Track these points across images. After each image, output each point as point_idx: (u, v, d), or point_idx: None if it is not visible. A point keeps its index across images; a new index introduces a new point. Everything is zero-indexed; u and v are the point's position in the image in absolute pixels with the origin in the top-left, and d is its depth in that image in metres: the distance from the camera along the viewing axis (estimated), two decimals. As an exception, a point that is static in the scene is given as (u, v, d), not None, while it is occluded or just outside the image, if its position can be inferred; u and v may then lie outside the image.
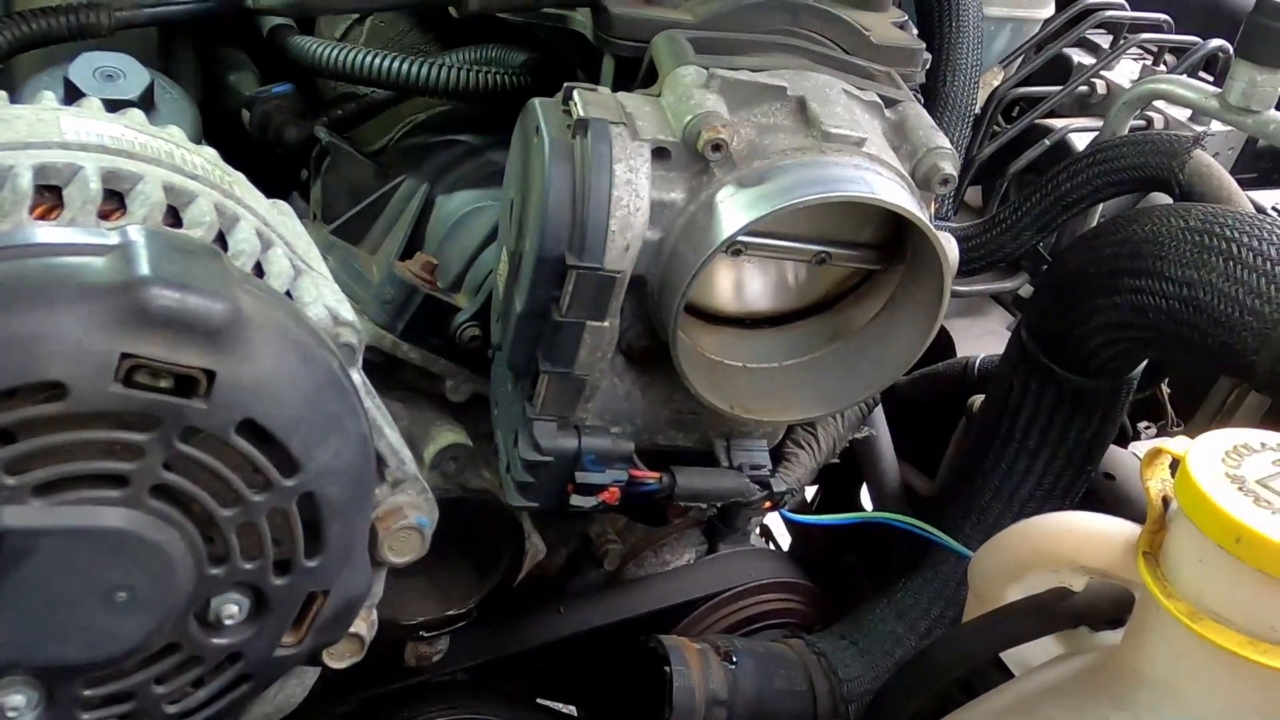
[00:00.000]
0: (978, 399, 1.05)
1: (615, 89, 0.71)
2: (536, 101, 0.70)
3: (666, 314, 0.68)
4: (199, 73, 1.01)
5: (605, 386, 0.73)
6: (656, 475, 0.74)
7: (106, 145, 0.58)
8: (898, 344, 0.74)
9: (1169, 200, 0.90)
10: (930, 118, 0.73)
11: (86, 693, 0.56)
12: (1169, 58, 1.26)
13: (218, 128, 0.95)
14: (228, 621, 0.57)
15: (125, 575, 0.53)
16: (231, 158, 0.69)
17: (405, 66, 0.88)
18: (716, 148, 0.65)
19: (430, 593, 0.94)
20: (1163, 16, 1.24)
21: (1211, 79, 1.18)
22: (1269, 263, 0.72)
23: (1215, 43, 1.18)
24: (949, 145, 0.70)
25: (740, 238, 0.65)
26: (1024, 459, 0.92)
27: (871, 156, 0.68)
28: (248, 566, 0.56)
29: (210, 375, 0.51)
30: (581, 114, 0.66)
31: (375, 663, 0.71)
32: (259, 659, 0.60)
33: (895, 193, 0.66)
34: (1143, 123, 1.14)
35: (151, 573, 0.53)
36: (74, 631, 0.53)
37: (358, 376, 0.60)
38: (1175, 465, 0.57)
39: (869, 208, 0.68)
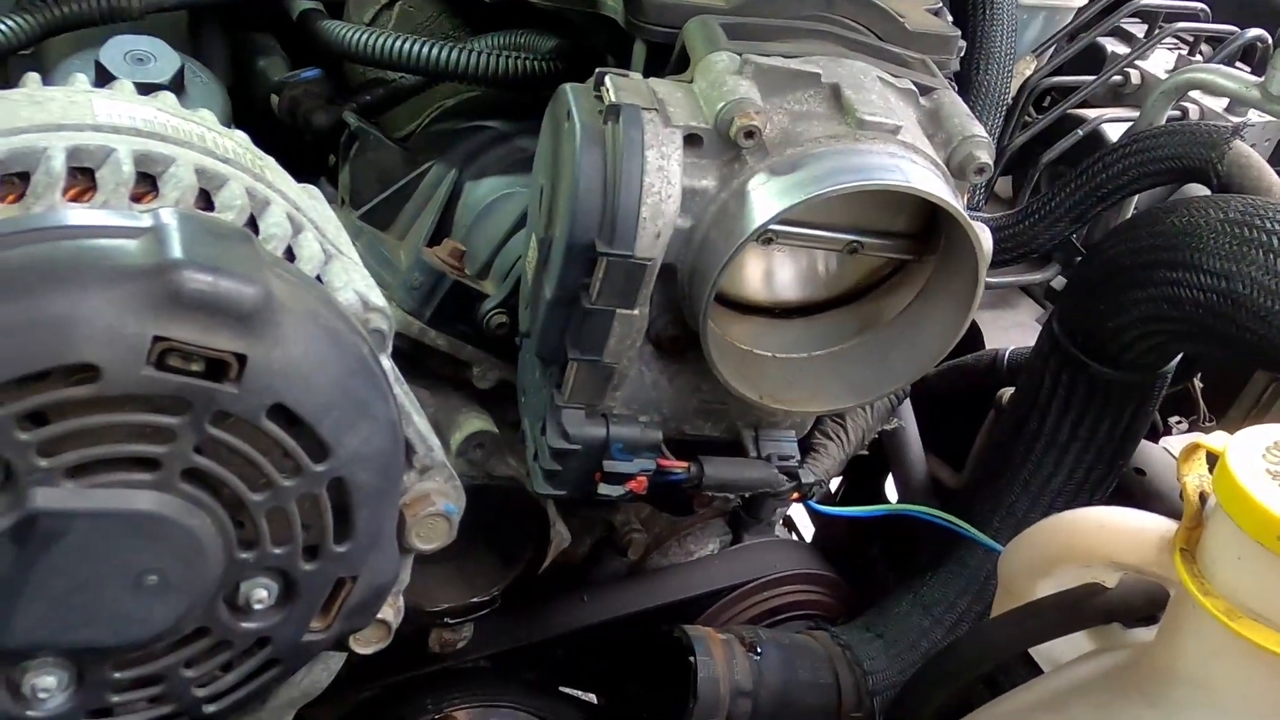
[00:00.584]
0: (1007, 392, 1.04)
1: (646, 75, 0.71)
2: (568, 87, 0.69)
3: (697, 303, 0.67)
4: (228, 57, 1.01)
5: (633, 375, 0.73)
6: (684, 465, 0.73)
7: (139, 128, 0.58)
8: (929, 335, 0.73)
9: (1205, 192, 0.89)
10: (965, 106, 0.72)
11: (116, 675, 0.56)
12: (1205, 47, 1.25)
13: (246, 112, 0.95)
14: (257, 606, 0.57)
15: (156, 559, 0.53)
16: (260, 142, 0.69)
17: (435, 51, 0.88)
18: (749, 135, 0.65)
19: (455, 580, 0.94)
20: (1200, 5, 1.23)
21: (1249, 69, 1.16)
22: (1310, 256, 0.70)
23: (1254, 32, 1.16)
24: (985, 134, 0.70)
25: (772, 226, 0.65)
26: (1054, 453, 0.91)
27: (906, 144, 0.67)
28: (277, 551, 0.56)
29: (242, 359, 0.50)
30: (613, 99, 0.66)
31: (400, 649, 0.71)
32: (287, 644, 0.60)
33: (931, 181, 0.65)
34: (1178, 114, 1.13)
35: (182, 556, 0.53)
36: (104, 614, 0.53)
37: (387, 363, 0.60)
38: (1213, 461, 0.56)
39: (903, 197, 0.67)
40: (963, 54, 0.82)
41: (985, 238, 0.68)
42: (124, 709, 0.57)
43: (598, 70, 0.68)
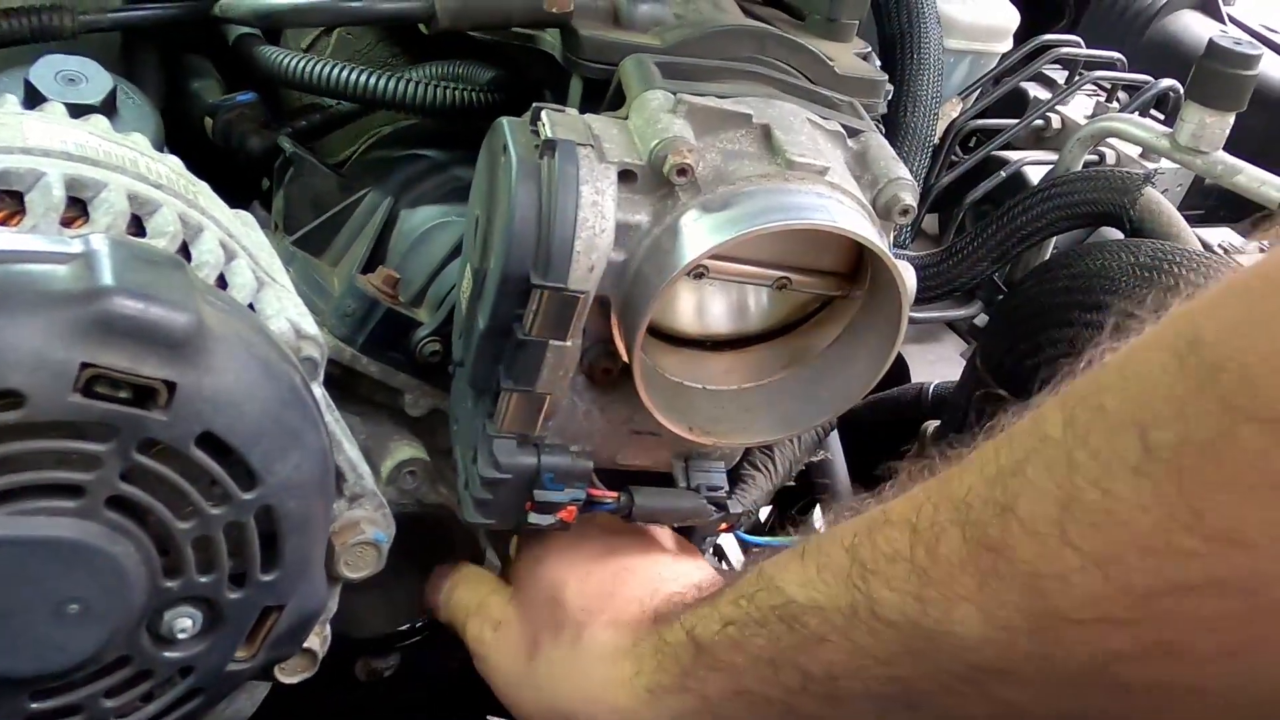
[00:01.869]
0: (931, 424, 1.07)
1: (582, 110, 0.72)
2: (505, 120, 0.70)
3: (629, 335, 0.68)
4: (162, 79, 1.00)
5: (566, 405, 0.73)
6: (614, 495, 0.74)
7: (70, 152, 0.58)
8: (855, 369, 0.75)
9: (1120, 235, 0.93)
10: (891, 149, 0.74)
11: (34, 705, 0.55)
12: (1121, 95, 1.30)
13: (179, 135, 0.94)
14: (180, 635, 0.56)
15: (78, 587, 0.52)
16: (193, 165, 0.69)
17: (371, 80, 0.88)
18: (682, 172, 0.66)
19: (382, 607, 0.94)
20: (1116, 55, 1.28)
21: (1162, 117, 1.21)
22: (1215, 300, 0.73)
23: (1166, 82, 1.22)
24: (909, 176, 0.72)
25: (704, 261, 0.66)
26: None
27: (834, 185, 0.69)
28: (203, 580, 0.55)
29: (171, 387, 0.50)
30: (549, 134, 0.66)
31: (324, 677, 0.71)
32: (211, 673, 0.59)
33: (856, 221, 0.67)
34: (1095, 157, 1.17)
35: (105, 585, 0.53)
36: (23, 643, 0.53)
37: (319, 391, 0.60)
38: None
39: (830, 235, 0.69)
40: (890, 97, 0.84)
41: (909, 276, 0.70)
42: (41, 741, 0.56)
43: (534, 105, 0.69)
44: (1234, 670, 0.44)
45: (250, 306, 0.59)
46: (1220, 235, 1.01)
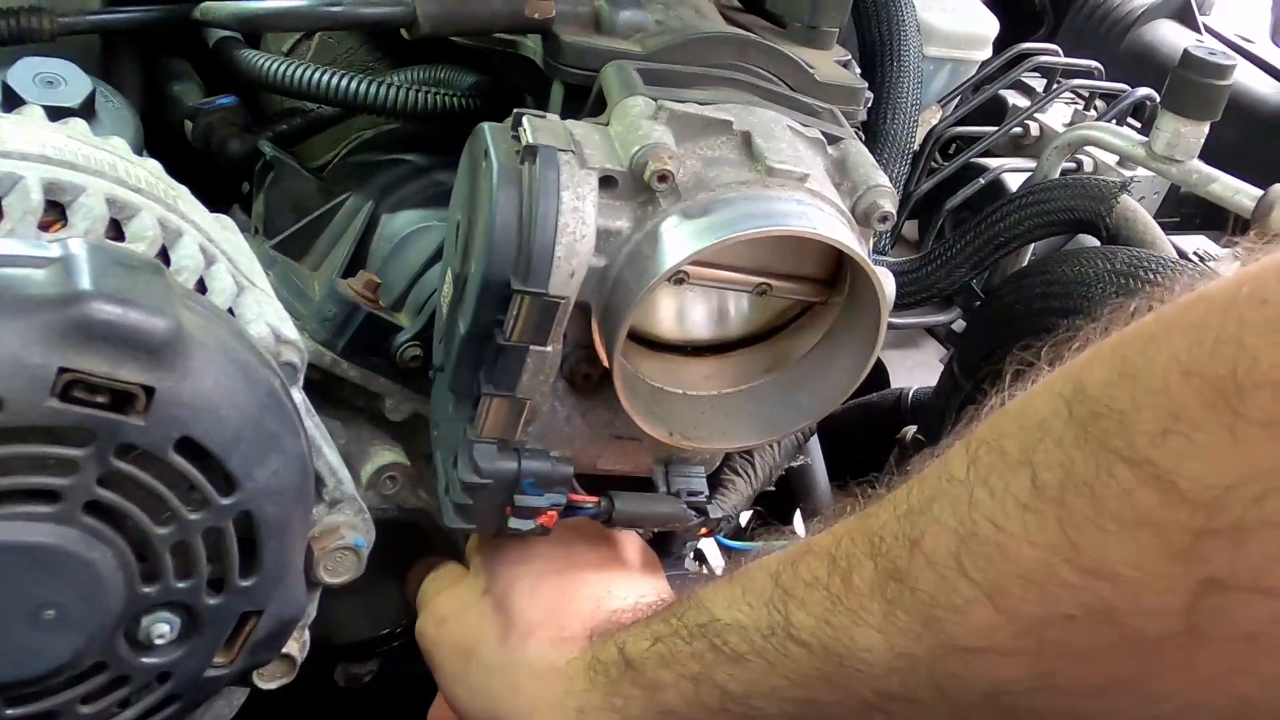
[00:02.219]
0: (910, 430, 1.08)
1: (563, 116, 0.72)
2: (486, 126, 0.70)
3: (609, 340, 0.68)
4: (141, 82, 1.00)
5: (546, 410, 0.73)
6: (595, 499, 0.74)
7: (49, 155, 0.58)
8: (835, 375, 0.75)
9: (1096, 242, 0.94)
10: (871, 156, 0.74)
11: (9, 711, 0.55)
12: (1099, 103, 1.31)
13: (159, 138, 0.94)
14: (158, 641, 0.56)
15: (54, 592, 0.52)
16: (173, 169, 0.69)
17: (352, 84, 0.88)
18: (663, 178, 0.66)
19: (361, 613, 0.94)
20: (1094, 64, 1.29)
21: (1139, 125, 1.23)
22: (1189, 307, 0.74)
23: (1142, 91, 1.23)
24: (889, 183, 0.72)
25: (683, 267, 0.66)
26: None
27: (814, 192, 0.69)
28: (180, 585, 0.55)
29: (149, 392, 0.50)
30: (531, 140, 0.67)
31: (303, 682, 0.71)
32: (189, 679, 0.59)
33: (836, 228, 0.68)
34: (1073, 165, 1.18)
35: (81, 590, 0.52)
36: (-2, 649, 0.52)
37: (299, 395, 0.60)
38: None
39: (810, 242, 0.69)
40: (870, 104, 0.85)
41: (888, 283, 0.70)
42: (16, 747, 0.56)
43: (515, 110, 0.69)
44: (1114, 703, 0.47)
45: (230, 311, 0.59)
46: (1195, 243, 1.03)
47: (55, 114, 0.67)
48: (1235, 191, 0.90)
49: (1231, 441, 0.41)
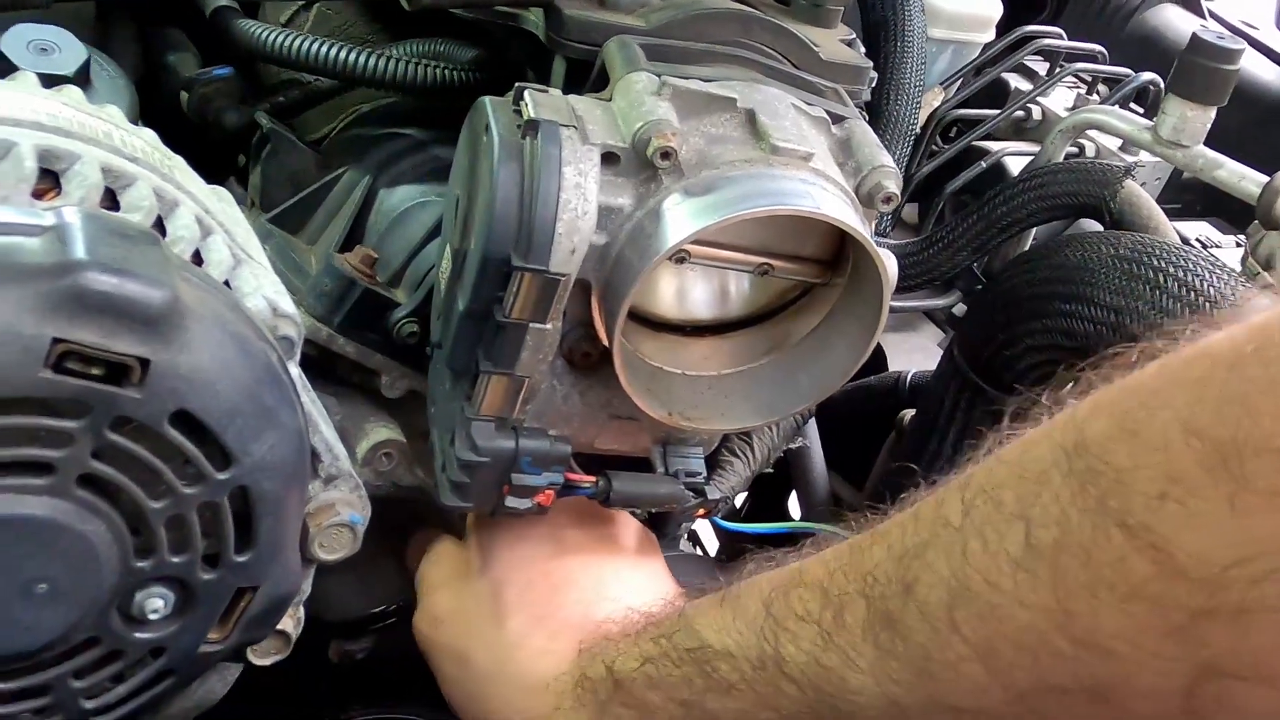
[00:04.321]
0: (908, 413, 1.07)
1: (565, 91, 0.71)
2: (487, 100, 0.69)
3: (609, 318, 0.68)
4: (137, 51, 0.98)
5: (545, 389, 0.73)
6: (592, 479, 0.74)
7: (43, 122, 0.57)
8: (835, 357, 0.75)
9: (1099, 227, 0.93)
10: (876, 136, 0.74)
11: (1, 686, 0.54)
12: (1102, 87, 1.30)
13: (153, 109, 0.93)
14: (152, 616, 0.56)
15: (47, 566, 0.51)
16: (167, 140, 0.68)
17: (352, 56, 0.87)
18: (665, 155, 0.66)
19: (355, 589, 0.93)
20: (1097, 47, 1.28)
21: (1142, 110, 1.22)
22: (1193, 293, 0.74)
23: (1146, 76, 1.22)
24: (893, 164, 0.72)
25: (685, 246, 0.66)
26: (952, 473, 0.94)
27: (818, 172, 0.68)
28: (175, 560, 0.55)
29: (145, 364, 0.49)
30: (533, 115, 0.66)
31: (296, 659, 0.71)
32: (182, 655, 0.58)
33: (840, 209, 0.67)
34: (1075, 149, 1.17)
35: (75, 564, 0.52)
36: (-11, 622, 0.52)
37: (295, 370, 0.60)
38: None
39: (813, 222, 0.68)
40: (874, 84, 0.84)
41: (890, 264, 0.70)
42: (7, 721, 0.56)
43: (517, 85, 0.69)
44: None
45: (226, 284, 0.58)
46: (1198, 229, 1.02)
47: (49, 81, 0.66)
48: (1241, 177, 0.89)
49: (1230, 512, 0.38)
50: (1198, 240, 0.97)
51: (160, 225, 0.57)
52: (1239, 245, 0.99)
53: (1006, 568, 0.45)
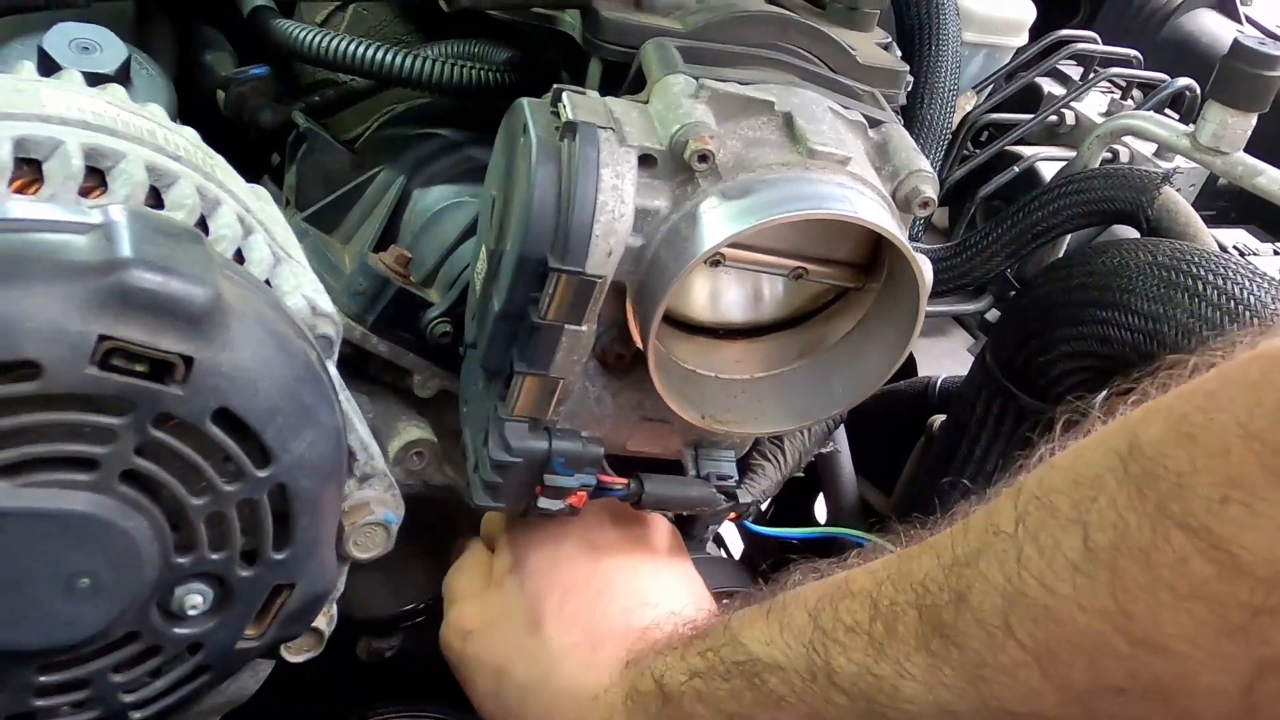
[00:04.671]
0: (938, 419, 1.07)
1: (601, 93, 0.71)
2: (525, 101, 0.69)
3: (644, 321, 0.68)
4: (175, 50, 0.99)
5: (578, 390, 0.73)
6: (624, 481, 0.74)
7: (88, 121, 0.57)
8: (869, 362, 0.75)
9: (1134, 233, 0.92)
10: (912, 140, 0.73)
11: (41, 679, 0.55)
12: (1136, 93, 1.29)
13: (191, 107, 0.93)
14: (191, 611, 0.56)
15: (89, 561, 0.52)
16: (204, 139, 0.68)
17: (388, 56, 0.87)
18: (703, 158, 0.65)
19: (384, 588, 0.94)
20: (1133, 52, 1.27)
21: (1177, 116, 1.21)
22: (1233, 301, 0.73)
23: (1183, 81, 1.21)
24: (930, 169, 0.71)
25: (721, 249, 0.66)
26: (981, 481, 0.93)
27: (855, 176, 0.68)
28: (214, 557, 0.55)
29: (189, 361, 0.50)
30: (570, 116, 0.66)
31: (326, 656, 0.71)
32: (220, 651, 0.59)
33: (878, 213, 0.67)
34: (1109, 155, 1.16)
35: (116, 560, 0.52)
36: (32, 616, 0.52)
37: (333, 369, 0.60)
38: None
39: (849, 226, 0.68)
40: (909, 88, 0.84)
41: (927, 270, 0.69)
42: (47, 714, 0.56)
43: (555, 86, 0.69)
44: None
45: (267, 282, 0.59)
46: (1236, 237, 1.01)
47: (91, 80, 0.67)
48: (1282, 185, 0.89)
49: None
50: (1235, 248, 0.96)
51: (203, 223, 0.58)
52: (1277, 253, 0.98)
53: (1064, 572, 0.45)
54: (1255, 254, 0.95)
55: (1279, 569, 0.39)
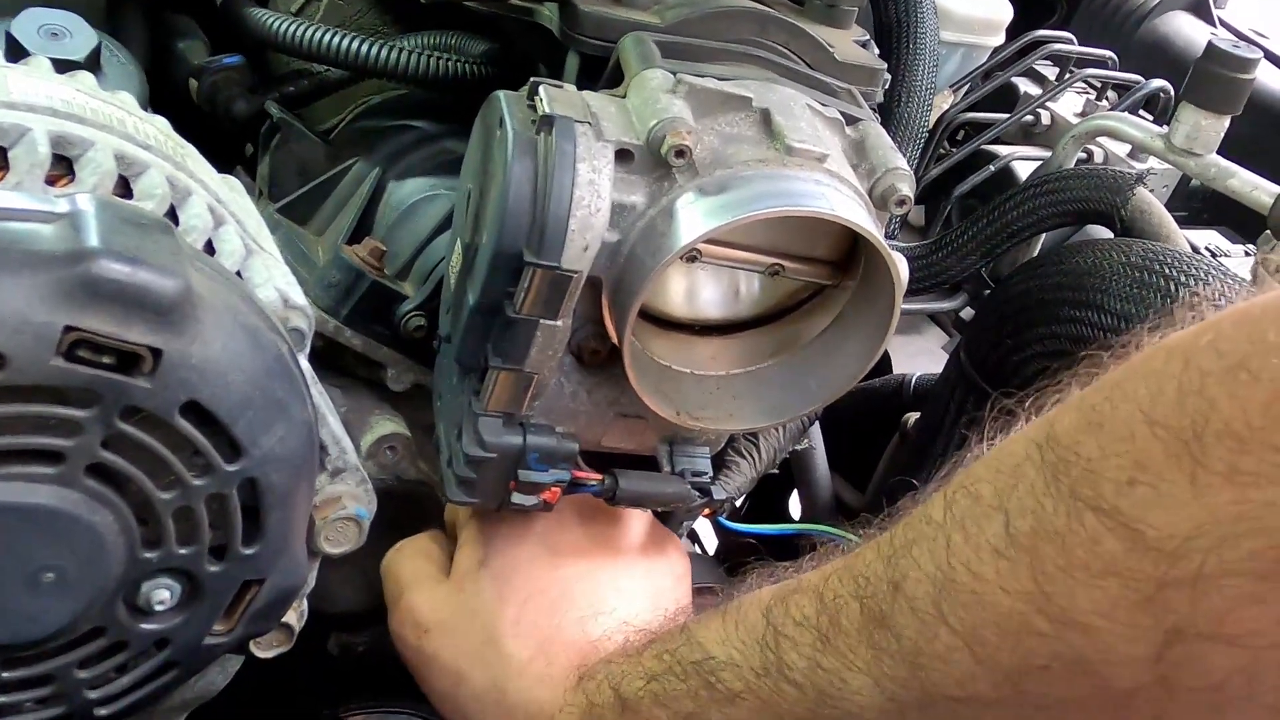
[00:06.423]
0: (912, 416, 1.07)
1: (579, 87, 0.71)
2: (501, 94, 0.69)
3: (620, 316, 0.68)
4: (147, 37, 0.98)
5: (553, 386, 0.73)
6: (599, 477, 0.74)
7: (56, 108, 0.56)
8: (844, 360, 0.75)
9: (1107, 233, 0.93)
10: (889, 138, 0.73)
11: (5, 674, 0.54)
12: (1111, 93, 1.29)
13: (162, 96, 0.92)
14: (158, 607, 0.55)
15: (54, 555, 0.51)
16: (175, 128, 0.68)
17: (364, 47, 0.86)
18: (680, 154, 0.65)
19: (356, 583, 0.93)
20: (1108, 53, 1.27)
21: (1151, 118, 1.21)
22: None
23: (1157, 83, 1.21)
24: (907, 167, 0.71)
25: (697, 245, 0.65)
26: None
27: (832, 173, 0.68)
28: (182, 552, 0.54)
29: (157, 353, 0.49)
30: (547, 110, 0.65)
31: (297, 651, 0.70)
32: (187, 646, 0.58)
33: (854, 210, 0.67)
34: (1084, 155, 1.17)
35: (82, 554, 0.52)
36: (-5, 611, 0.51)
37: (305, 362, 0.59)
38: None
39: (826, 223, 0.68)
40: (887, 86, 0.84)
41: (903, 267, 0.69)
42: (11, 710, 0.55)
43: (532, 80, 0.68)
44: None
45: (238, 274, 0.58)
46: (1208, 238, 1.02)
47: (60, 66, 0.66)
48: (1254, 187, 0.89)
49: (1193, 491, 0.41)
50: (1208, 249, 0.97)
51: (173, 214, 0.57)
52: (1248, 255, 0.99)
53: (988, 557, 0.47)
54: (1227, 255, 0.96)
55: (1181, 543, 0.41)
